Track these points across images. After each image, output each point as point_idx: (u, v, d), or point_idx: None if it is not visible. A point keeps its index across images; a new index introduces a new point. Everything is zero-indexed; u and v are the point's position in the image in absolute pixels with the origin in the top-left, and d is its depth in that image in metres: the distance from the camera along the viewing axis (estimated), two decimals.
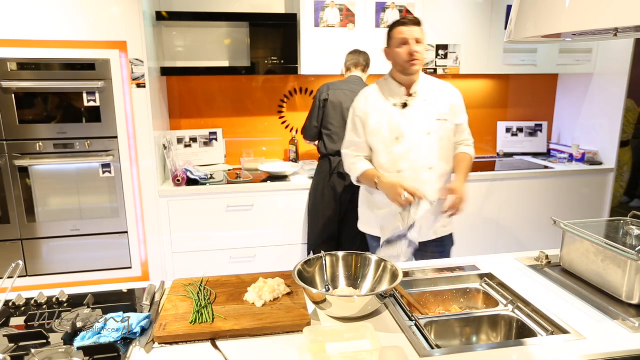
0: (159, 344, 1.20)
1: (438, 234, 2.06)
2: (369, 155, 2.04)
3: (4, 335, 1.20)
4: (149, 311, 1.35)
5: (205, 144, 3.34)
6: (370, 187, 1.99)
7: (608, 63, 3.42)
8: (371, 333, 1.15)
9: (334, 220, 2.82)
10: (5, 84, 2.52)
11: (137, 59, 2.65)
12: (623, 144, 4.34)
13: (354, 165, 2.02)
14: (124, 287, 1.55)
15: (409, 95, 1.98)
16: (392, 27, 1.97)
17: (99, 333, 1.19)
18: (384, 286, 1.41)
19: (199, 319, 1.27)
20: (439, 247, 2.09)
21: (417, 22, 1.93)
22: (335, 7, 3.02)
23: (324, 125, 2.83)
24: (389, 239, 1.79)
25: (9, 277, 1.32)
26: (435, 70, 3.27)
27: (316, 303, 1.33)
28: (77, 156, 2.68)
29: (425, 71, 3.28)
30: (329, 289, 1.47)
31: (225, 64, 3.24)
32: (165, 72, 3.08)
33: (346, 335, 1.19)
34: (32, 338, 1.19)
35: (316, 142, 2.97)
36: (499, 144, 3.84)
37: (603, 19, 0.95)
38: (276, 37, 3.00)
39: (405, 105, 1.96)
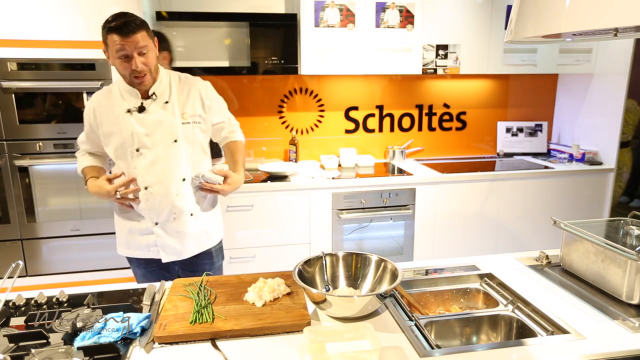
0: (159, 344, 1.20)
1: (203, 246, 1.87)
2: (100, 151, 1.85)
3: (4, 335, 1.20)
4: (149, 311, 1.35)
5: None
6: None
7: (608, 63, 3.42)
8: (371, 333, 1.15)
9: None
10: (5, 84, 2.52)
11: None
12: (623, 145, 4.34)
13: (78, 159, 1.88)
14: (124, 287, 1.55)
15: (147, 97, 1.71)
16: (105, 30, 1.58)
17: (99, 333, 1.19)
18: (384, 286, 1.41)
19: (199, 319, 1.27)
20: (204, 265, 1.91)
21: (135, 28, 1.55)
22: (335, 7, 3.02)
23: None
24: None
25: (9, 277, 1.32)
26: (435, 70, 3.27)
27: (316, 303, 1.33)
28: None
29: (424, 71, 3.31)
30: (329, 289, 1.47)
31: (225, 64, 3.23)
32: None
33: (346, 335, 1.19)
34: (32, 338, 1.19)
35: None
36: (499, 144, 3.84)
37: (603, 19, 0.95)
38: (276, 37, 3.00)
39: (142, 110, 1.69)
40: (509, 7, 3.27)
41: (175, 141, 1.72)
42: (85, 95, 2.63)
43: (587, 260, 1.53)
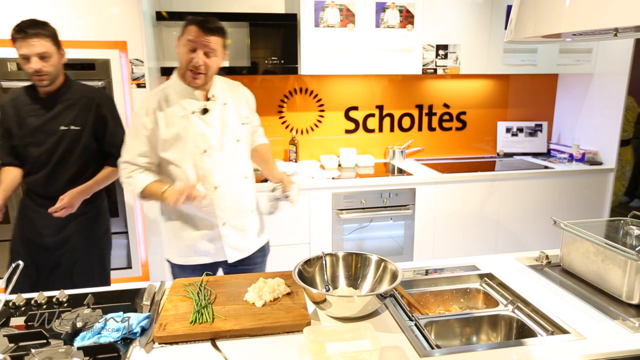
0: (159, 344, 1.20)
1: (261, 242, 1.94)
2: (153, 165, 1.75)
3: (4, 335, 1.20)
4: (149, 311, 1.35)
5: None
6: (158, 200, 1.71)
7: (608, 63, 3.42)
8: (371, 333, 1.15)
9: None
10: (5, 84, 2.51)
11: (137, 59, 2.65)
12: (624, 143, 4.34)
13: (132, 179, 1.72)
14: (124, 287, 1.55)
15: (207, 99, 1.75)
16: (189, 21, 1.66)
17: (99, 333, 1.19)
18: (384, 286, 1.41)
19: (199, 319, 1.27)
20: (257, 258, 1.94)
21: (214, 31, 1.65)
22: (335, 7, 3.02)
23: None
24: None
25: (9, 277, 1.32)
26: (435, 70, 3.27)
27: (316, 303, 1.33)
28: None
29: (424, 71, 3.31)
30: (329, 289, 1.47)
31: (225, 63, 3.23)
32: (165, 72, 3.08)
33: (346, 335, 1.19)
34: (32, 338, 1.19)
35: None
36: (499, 144, 3.84)
37: (603, 19, 0.95)
38: (276, 37, 3.00)
39: (205, 111, 1.72)
40: (509, 7, 3.27)
41: (238, 141, 1.79)
42: None
43: (587, 260, 1.53)
